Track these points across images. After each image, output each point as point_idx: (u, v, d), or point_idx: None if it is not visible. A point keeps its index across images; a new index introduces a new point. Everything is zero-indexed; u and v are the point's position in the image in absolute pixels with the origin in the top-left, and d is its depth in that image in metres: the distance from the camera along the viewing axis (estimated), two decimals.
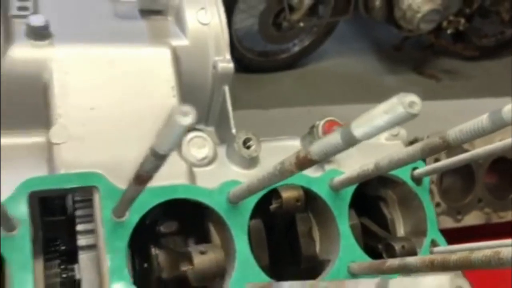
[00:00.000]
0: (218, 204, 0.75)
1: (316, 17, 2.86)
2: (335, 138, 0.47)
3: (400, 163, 0.69)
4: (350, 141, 0.45)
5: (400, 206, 0.91)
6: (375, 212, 0.91)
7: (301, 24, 2.75)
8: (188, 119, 0.38)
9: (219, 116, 0.89)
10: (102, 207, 0.70)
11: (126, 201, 0.63)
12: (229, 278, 0.72)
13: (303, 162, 0.54)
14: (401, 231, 0.90)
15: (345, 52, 3.22)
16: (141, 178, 0.50)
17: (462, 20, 2.83)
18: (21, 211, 0.66)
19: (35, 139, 0.77)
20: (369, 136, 0.43)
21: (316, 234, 0.86)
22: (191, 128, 0.85)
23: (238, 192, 0.73)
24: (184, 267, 0.70)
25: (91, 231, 0.74)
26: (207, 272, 0.68)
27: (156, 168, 0.47)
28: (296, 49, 2.93)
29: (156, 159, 0.44)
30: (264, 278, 0.74)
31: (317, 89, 2.96)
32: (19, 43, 0.74)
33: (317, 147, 0.51)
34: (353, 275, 0.76)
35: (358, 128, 0.44)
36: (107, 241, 0.69)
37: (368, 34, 3.33)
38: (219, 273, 0.69)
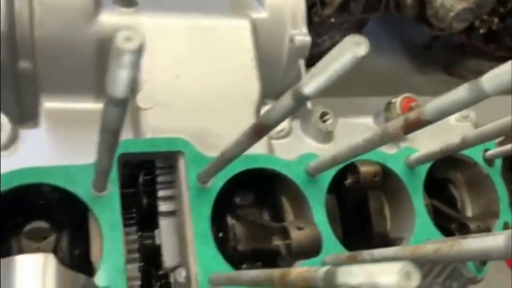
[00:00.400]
0: (296, 176, 0.75)
1: (347, 14, 2.85)
2: (459, 93, 0.47)
3: (489, 138, 0.68)
4: (479, 97, 0.45)
5: (469, 188, 0.90)
6: (443, 194, 0.91)
7: (332, 20, 2.75)
8: (362, 50, 0.36)
9: None
10: (187, 173, 0.70)
11: (220, 164, 0.63)
12: None
13: (413, 124, 0.53)
14: (469, 213, 0.90)
15: (374, 50, 3.20)
16: (262, 128, 0.49)
17: (496, 20, 2.81)
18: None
19: None
20: None
21: (387, 212, 0.85)
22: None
23: (318, 164, 0.73)
24: (277, 242, 0.70)
25: (172, 197, 0.75)
26: (304, 247, 0.68)
27: (289, 113, 0.45)
28: (326, 45, 2.92)
29: (297, 101, 0.42)
30: (341, 249, 0.74)
31: (344, 86, 2.95)
32: (107, 10, 0.75)
33: (432, 106, 0.51)
34: None
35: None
36: (192, 206, 0.69)
37: (398, 33, 3.32)
38: (315, 250, 0.69)
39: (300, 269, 0.43)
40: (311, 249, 0.67)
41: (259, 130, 0.49)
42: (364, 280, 0.34)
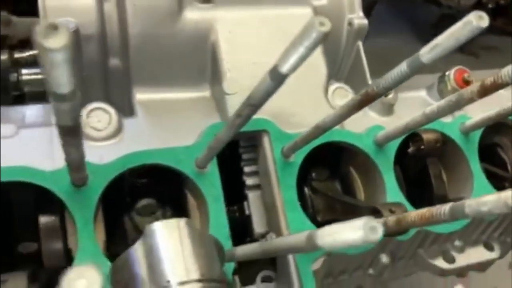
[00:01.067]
0: (367, 147, 0.83)
1: None
2: None
3: None
4: None
5: None
6: (494, 158, 0.98)
7: None
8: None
9: (350, 70, 0.97)
10: (273, 149, 0.78)
11: (309, 137, 0.71)
12: None
13: (490, 87, 0.61)
14: None
15: (383, 33, 3.27)
16: (372, 95, 0.56)
17: None
18: None
19: (201, 93, 0.85)
20: None
21: (444, 177, 0.93)
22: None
23: (387, 134, 0.81)
24: None
25: (256, 172, 0.83)
26: (394, 230, 0.67)
27: (402, 81, 0.51)
28: None
29: (413, 69, 0.47)
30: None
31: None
32: (189, 7, 0.82)
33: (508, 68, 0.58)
34: None
35: None
36: (280, 178, 0.77)
37: (406, 14, 3.38)
38: (403, 231, 0.71)
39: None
40: (400, 232, 0.70)
41: (369, 97, 0.56)
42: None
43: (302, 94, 0.85)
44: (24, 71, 0.93)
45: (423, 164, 0.92)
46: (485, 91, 0.62)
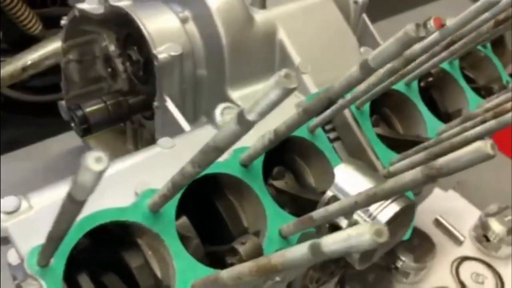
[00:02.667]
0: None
1: None
2: None
3: None
4: None
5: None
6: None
7: None
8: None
9: (360, 38, 1.26)
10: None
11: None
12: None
13: None
14: None
15: None
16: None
17: None
18: None
19: None
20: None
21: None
22: None
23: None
24: None
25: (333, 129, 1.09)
26: None
27: None
28: None
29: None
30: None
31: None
32: (253, 11, 1.05)
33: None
34: None
35: None
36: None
37: None
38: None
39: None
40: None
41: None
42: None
43: (348, 64, 1.13)
44: None
45: None
46: None
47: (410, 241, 1.52)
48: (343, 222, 0.76)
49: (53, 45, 1.65)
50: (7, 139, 1.96)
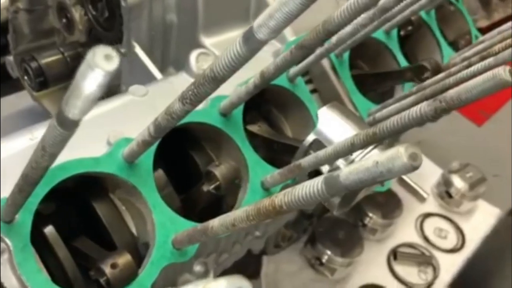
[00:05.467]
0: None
1: None
2: None
3: None
4: None
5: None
6: None
7: None
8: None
9: None
10: None
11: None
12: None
13: None
14: None
15: None
16: None
17: None
18: None
19: None
20: None
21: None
22: None
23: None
24: None
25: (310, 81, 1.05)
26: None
27: None
28: None
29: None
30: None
31: None
32: None
33: None
34: None
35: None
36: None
37: None
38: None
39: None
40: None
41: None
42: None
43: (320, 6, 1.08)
44: None
45: None
46: None
47: (377, 198, 1.53)
48: (325, 168, 0.72)
49: None
50: None
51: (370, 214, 1.49)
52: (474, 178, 1.68)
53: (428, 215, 1.69)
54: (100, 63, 0.28)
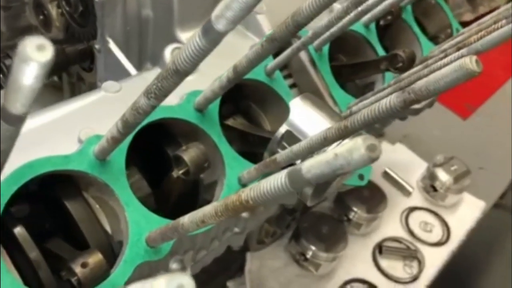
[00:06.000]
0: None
1: None
2: None
3: None
4: None
5: None
6: None
7: None
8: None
9: None
10: None
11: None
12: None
13: None
14: None
15: None
16: None
17: None
18: None
19: None
20: None
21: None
22: None
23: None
24: None
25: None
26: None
27: None
28: None
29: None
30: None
31: None
32: None
33: None
34: None
35: None
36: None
37: None
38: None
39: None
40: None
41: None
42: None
43: None
44: None
45: None
46: None
47: (362, 193, 1.52)
48: (297, 161, 0.71)
49: None
50: None
51: (355, 209, 1.49)
52: (459, 171, 1.68)
53: (413, 209, 1.69)
54: (33, 55, 0.27)
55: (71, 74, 1.28)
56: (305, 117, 0.70)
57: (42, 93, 1.19)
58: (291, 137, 0.70)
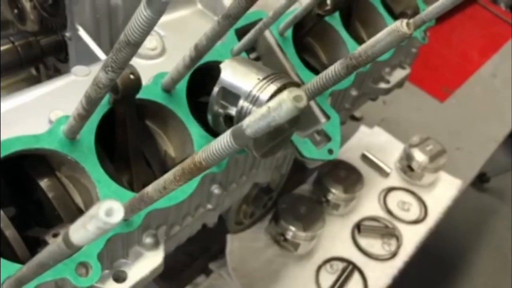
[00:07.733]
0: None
1: None
2: None
3: None
4: None
5: None
6: None
7: None
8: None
9: None
10: None
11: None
12: None
13: None
14: None
15: None
16: None
17: None
18: None
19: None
20: None
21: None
22: None
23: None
24: None
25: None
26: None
27: None
28: None
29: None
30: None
31: None
32: None
33: None
34: None
35: None
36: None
37: None
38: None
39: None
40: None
41: None
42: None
43: None
44: None
45: None
46: None
47: (339, 175, 1.56)
48: (232, 110, 0.75)
49: None
50: None
51: (332, 190, 1.53)
52: (434, 150, 1.72)
53: (391, 189, 1.73)
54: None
55: (48, 67, 1.30)
56: (234, 73, 0.74)
57: (20, 86, 1.21)
58: (226, 93, 0.74)
